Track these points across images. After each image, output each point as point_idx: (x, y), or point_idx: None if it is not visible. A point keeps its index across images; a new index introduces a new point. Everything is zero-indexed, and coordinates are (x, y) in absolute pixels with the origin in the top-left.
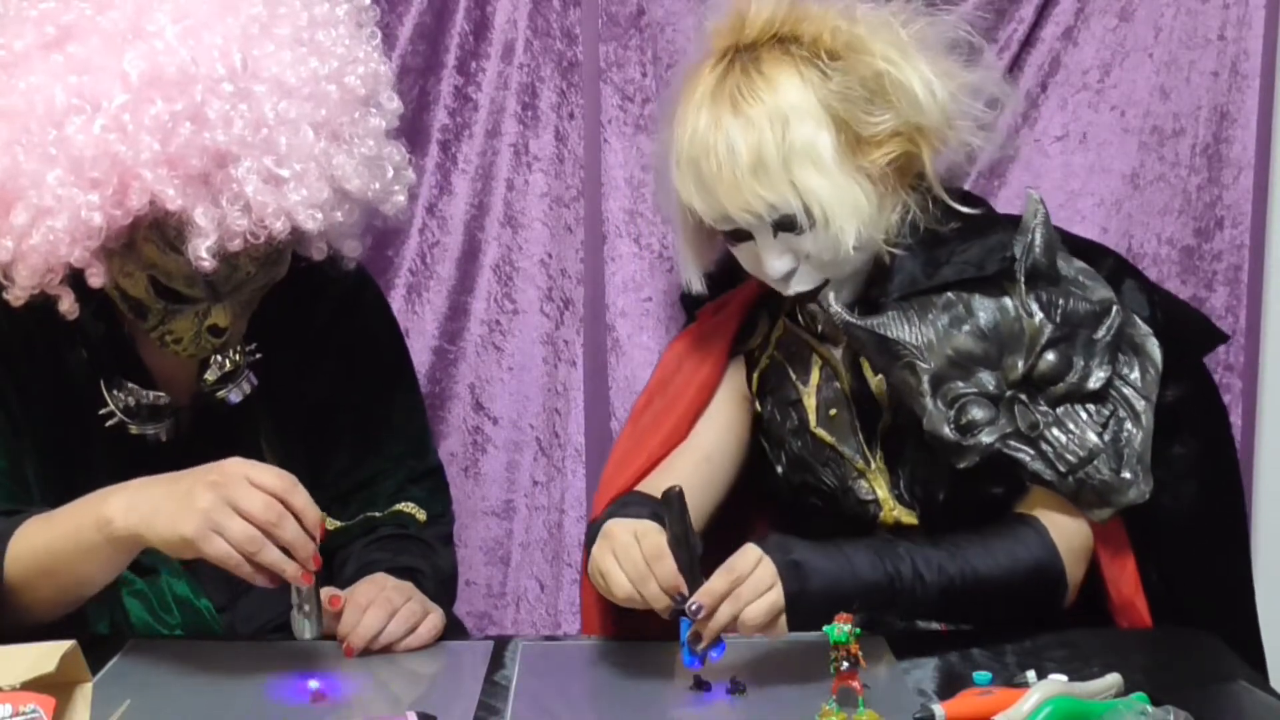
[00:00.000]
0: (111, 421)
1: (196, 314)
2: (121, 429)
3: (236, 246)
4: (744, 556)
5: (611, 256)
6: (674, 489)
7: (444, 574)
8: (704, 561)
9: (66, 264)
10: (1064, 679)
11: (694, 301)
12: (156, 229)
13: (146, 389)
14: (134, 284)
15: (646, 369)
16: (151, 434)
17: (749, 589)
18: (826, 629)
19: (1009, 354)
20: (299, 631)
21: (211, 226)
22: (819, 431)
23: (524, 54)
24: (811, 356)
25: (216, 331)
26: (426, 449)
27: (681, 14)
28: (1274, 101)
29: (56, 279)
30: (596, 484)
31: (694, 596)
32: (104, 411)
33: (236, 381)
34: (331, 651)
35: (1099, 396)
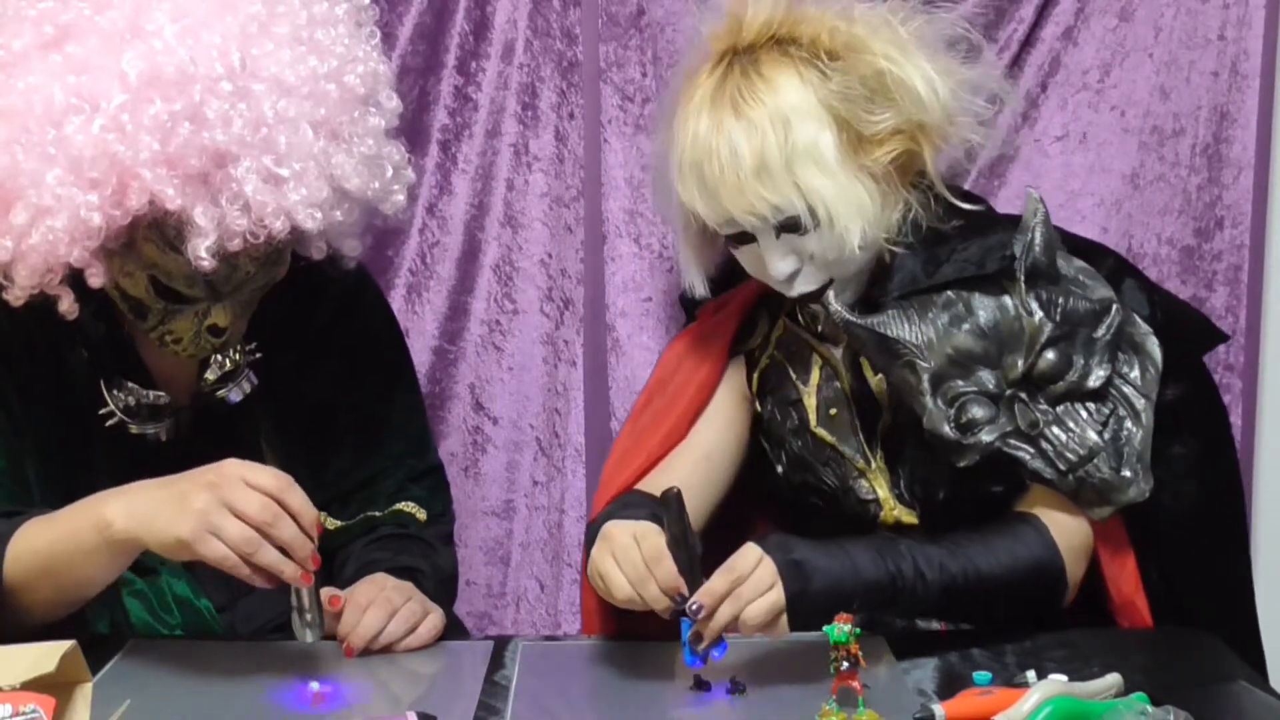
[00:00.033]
0: (111, 421)
1: (196, 314)
2: (122, 429)
3: (236, 246)
4: (744, 556)
5: (611, 256)
6: (672, 490)
7: (444, 574)
8: (704, 561)
9: (66, 264)
10: (1064, 679)
11: (694, 301)
12: (156, 229)
13: (146, 389)
14: (134, 284)
15: (646, 369)
16: (151, 434)
17: (749, 589)
18: (826, 629)
19: (1009, 353)
20: (300, 636)
21: (211, 226)
22: (819, 431)
23: (524, 54)
24: (812, 356)
25: (216, 331)
26: (427, 448)
27: (681, 14)
28: (1274, 101)
29: (56, 279)
30: (596, 484)
31: (694, 597)
32: (104, 411)
33: (236, 381)
34: (331, 651)
35: (1099, 395)
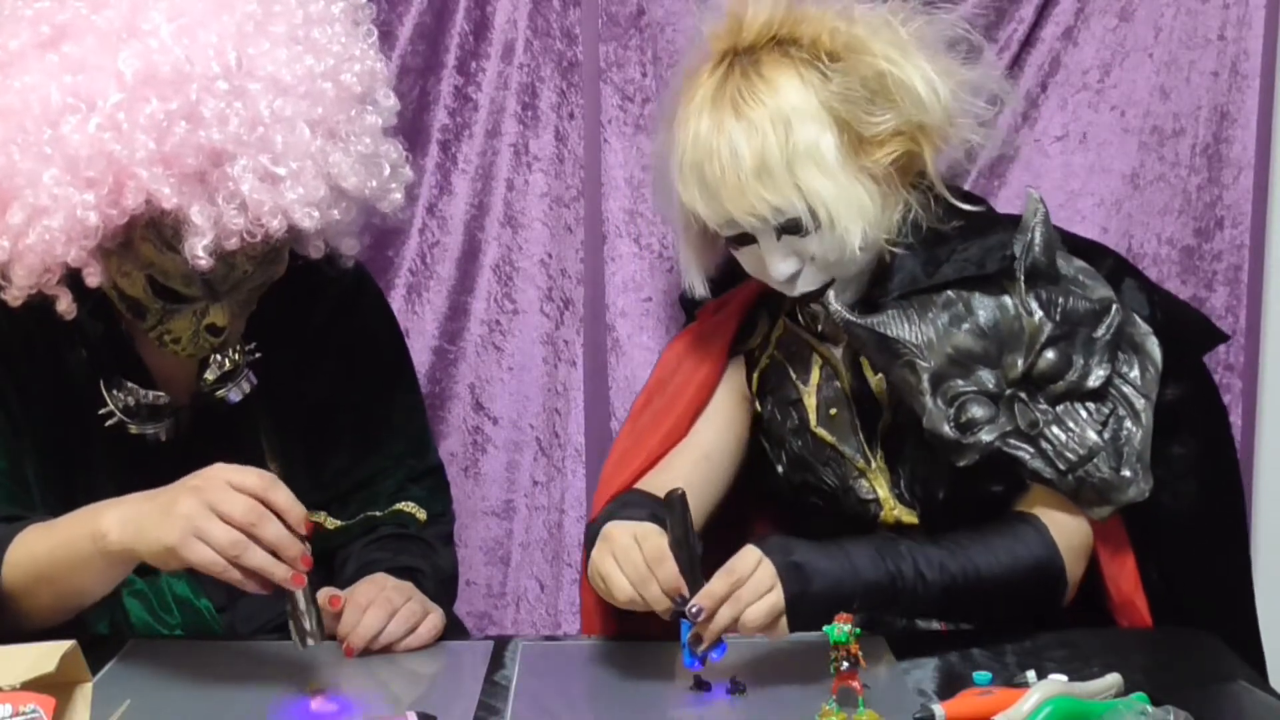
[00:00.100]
0: (111, 421)
1: (194, 313)
2: (121, 429)
3: (233, 245)
4: (744, 558)
5: (611, 256)
6: (676, 491)
7: (444, 574)
8: (704, 561)
9: (63, 264)
10: (1064, 679)
11: (694, 301)
12: (153, 228)
13: (146, 389)
14: (131, 283)
15: (646, 369)
16: (151, 434)
17: (749, 591)
18: (826, 629)
19: (1009, 352)
20: (297, 643)
21: (208, 225)
22: (819, 431)
23: (524, 54)
24: (812, 356)
25: (215, 331)
26: (426, 448)
27: (681, 14)
28: (1274, 101)
29: (54, 279)
30: (596, 484)
31: (694, 599)
32: (103, 411)
33: (236, 381)
34: (331, 651)
35: (1099, 395)
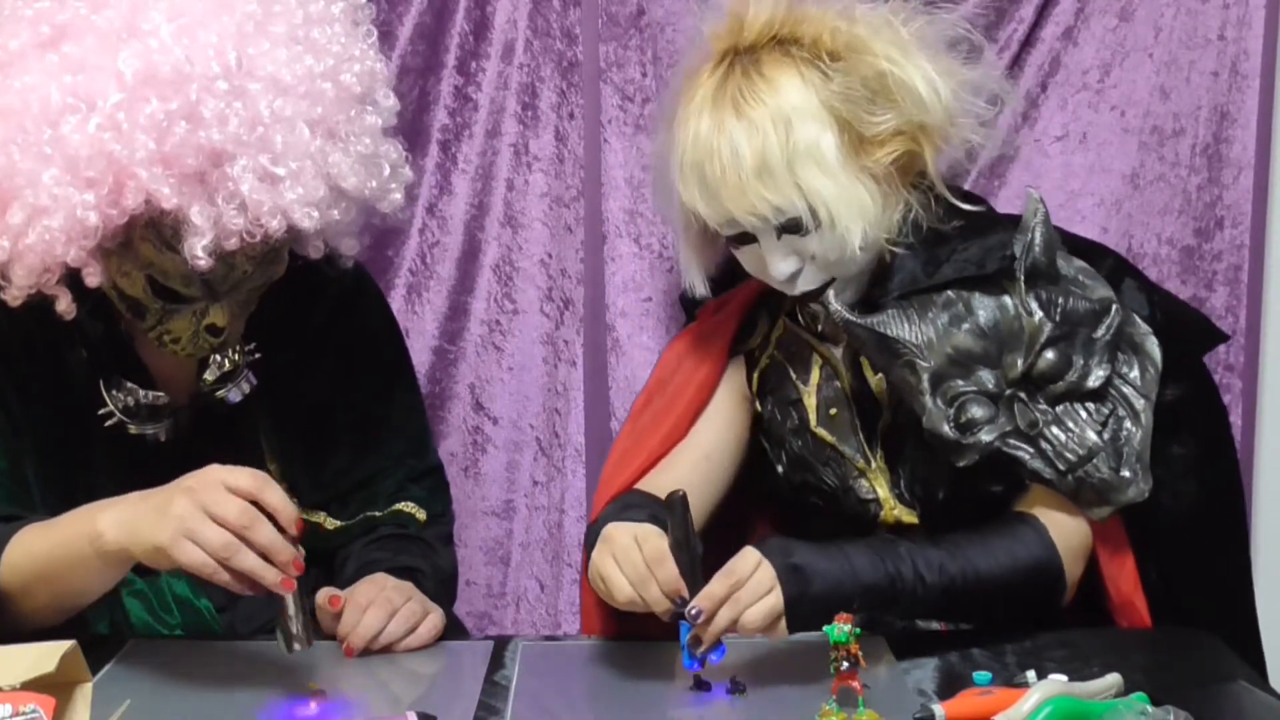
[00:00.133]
0: (111, 422)
1: (194, 313)
2: (121, 429)
3: (233, 245)
4: (743, 560)
5: (611, 256)
6: (678, 493)
7: (444, 574)
8: (704, 562)
9: (63, 263)
10: (1064, 679)
11: (694, 301)
12: (153, 228)
13: (145, 389)
14: (131, 283)
15: (646, 369)
16: (151, 434)
17: (748, 593)
18: (826, 629)
19: (1008, 352)
20: (283, 647)
21: (207, 225)
22: (819, 431)
23: (524, 54)
24: (812, 356)
25: (214, 331)
26: (426, 448)
27: (681, 14)
28: (1274, 101)
29: (53, 279)
30: (596, 484)
31: (693, 601)
32: (103, 412)
33: (235, 381)
34: (331, 651)
35: (1098, 395)
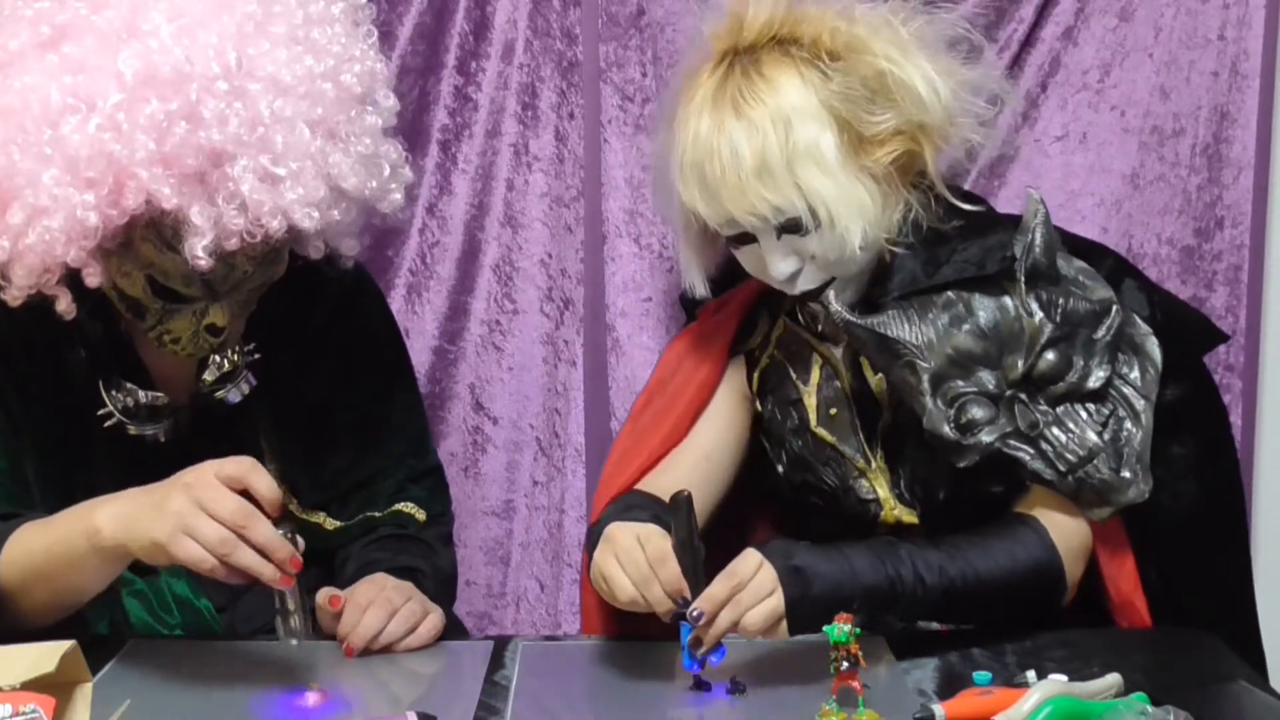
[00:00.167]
0: (110, 422)
1: (194, 313)
2: (121, 429)
3: (233, 245)
4: (745, 562)
5: (611, 256)
6: (683, 493)
7: (444, 574)
8: (705, 562)
9: (63, 264)
10: (1064, 679)
11: (694, 301)
12: (153, 228)
13: (145, 389)
14: (131, 284)
15: (646, 369)
16: (150, 434)
17: (749, 595)
18: (826, 629)
19: (1009, 353)
20: (283, 640)
21: (208, 225)
22: (819, 431)
23: (524, 54)
24: (812, 356)
25: (214, 331)
26: (426, 448)
27: (681, 14)
28: (1274, 101)
29: (53, 279)
30: (596, 484)
31: (695, 603)
32: (103, 412)
33: (235, 381)
34: (331, 651)
35: (1099, 396)
